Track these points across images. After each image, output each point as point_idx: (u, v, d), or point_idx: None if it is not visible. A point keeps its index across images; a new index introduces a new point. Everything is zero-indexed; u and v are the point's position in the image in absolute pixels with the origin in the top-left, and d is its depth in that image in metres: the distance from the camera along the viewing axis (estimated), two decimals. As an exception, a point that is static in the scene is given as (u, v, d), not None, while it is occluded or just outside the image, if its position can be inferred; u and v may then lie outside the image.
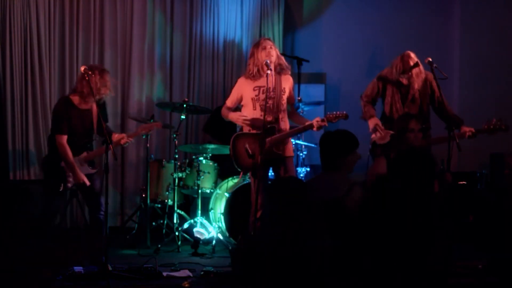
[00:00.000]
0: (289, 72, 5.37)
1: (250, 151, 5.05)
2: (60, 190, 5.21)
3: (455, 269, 4.80)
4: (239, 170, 5.27)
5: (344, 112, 5.05)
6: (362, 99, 5.67)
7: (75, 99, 5.20)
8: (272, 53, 5.18)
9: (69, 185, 5.24)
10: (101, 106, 5.31)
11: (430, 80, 5.47)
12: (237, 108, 5.44)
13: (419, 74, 5.42)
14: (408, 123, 4.95)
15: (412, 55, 5.45)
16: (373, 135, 5.47)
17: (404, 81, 5.43)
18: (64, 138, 5.13)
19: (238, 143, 5.23)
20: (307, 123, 5.14)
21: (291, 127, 5.35)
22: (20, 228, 5.39)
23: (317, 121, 5.05)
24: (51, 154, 5.28)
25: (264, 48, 5.18)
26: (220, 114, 6.94)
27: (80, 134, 5.23)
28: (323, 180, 4.45)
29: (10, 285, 4.56)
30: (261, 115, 5.10)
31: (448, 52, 7.77)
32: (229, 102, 5.40)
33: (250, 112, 5.25)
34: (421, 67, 5.44)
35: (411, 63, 5.40)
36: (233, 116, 5.34)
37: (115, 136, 5.39)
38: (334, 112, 5.06)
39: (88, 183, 5.20)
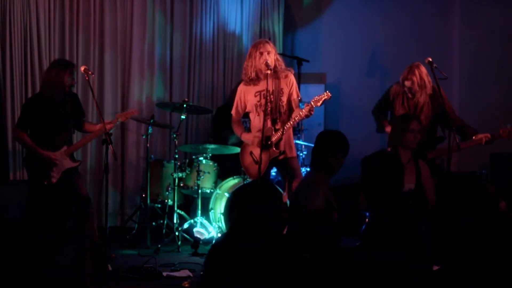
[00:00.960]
0: (288, 72, 5.28)
1: (255, 157, 5.09)
2: (45, 184, 5.26)
3: None
4: (251, 178, 5.30)
5: (325, 93, 5.00)
6: (373, 113, 5.67)
7: (45, 93, 5.34)
8: (269, 58, 5.13)
9: (54, 180, 5.28)
10: (73, 99, 5.49)
11: (438, 96, 5.31)
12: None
13: (423, 87, 5.37)
14: (409, 124, 4.91)
15: (422, 68, 5.40)
16: None
17: (406, 87, 5.39)
18: (21, 132, 5.34)
19: (244, 152, 5.27)
20: (296, 113, 5.10)
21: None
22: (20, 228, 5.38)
23: (305, 108, 5.00)
24: (30, 151, 5.39)
25: (262, 53, 5.13)
26: (220, 114, 6.94)
27: (54, 128, 5.32)
28: (304, 178, 4.45)
29: (10, 285, 4.57)
30: (263, 120, 5.10)
31: (448, 52, 7.77)
32: (235, 112, 5.33)
33: (254, 118, 5.25)
34: (428, 83, 5.40)
35: (416, 72, 5.36)
36: (248, 138, 5.22)
37: (97, 126, 5.52)
38: (317, 96, 5.01)
39: (54, 157, 5.32)
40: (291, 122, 5.13)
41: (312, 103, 4.98)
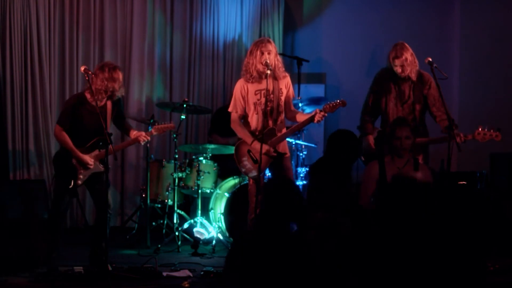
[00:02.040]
0: (286, 73, 5.29)
1: (254, 156, 5.08)
2: (70, 187, 5.19)
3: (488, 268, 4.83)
4: (246, 176, 5.29)
5: (340, 100, 5.01)
6: (362, 113, 5.66)
7: (88, 96, 5.18)
8: (270, 58, 5.12)
9: (79, 182, 5.22)
10: (116, 102, 5.32)
11: (429, 82, 5.44)
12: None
13: (412, 64, 5.38)
14: (395, 130, 4.96)
15: (406, 45, 5.45)
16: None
17: (398, 68, 5.40)
18: (62, 130, 5.18)
19: (241, 150, 5.23)
20: (307, 117, 5.12)
21: (288, 127, 5.35)
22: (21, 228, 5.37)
23: (317, 113, 5.00)
24: (63, 150, 5.25)
25: (263, 53, 5.13)
26: (222, 113, 6.91)
27: (91, 132, 5.16)
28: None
29: (10, 285, 4.57)
30: (262, 119, 5.10)
31: (448, 52, 7.77)
32: (239, 109, 5.22)
33: (252, 116, 5.23)
34: (416, 61, 5.42)
35: (407, 48, 5.39)
36: (263, 148, 5.04)
37: (133, 133, 5.42)
38: (332, 102, 5.02)
39: (92, 164, 5.20)
40: (299, 126, 5.18)
41: (326, 109, 4.98)
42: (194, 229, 6.13)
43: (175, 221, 6.17)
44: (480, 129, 5.16)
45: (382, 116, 5.64)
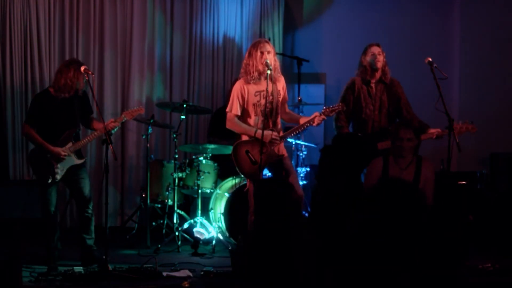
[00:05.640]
0: (280, 74, 5.31)
1: (253, 157, 5.09)
2: (49, 182, 5.25)
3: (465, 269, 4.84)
4: (244, 177, 5.30)
5: (340, 104, 5.13)
6: (335, 121, 5.70)
7: (53, 90, 5.35)
8: (269, 58, 5.13)
9: (58, 177, 5.27)
10: (82, 96, 5.48)
11: (396, 87, 5.61)
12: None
13: (384, 62, 5.59)
14: (399, 131, 5.00)
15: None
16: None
17: (372, 56, 5.62)
18: (30, 128, 5.31)
19: (239, 150, 5.22)
20: (307, 120, 5.13)
21: (287, 128, 5.35)
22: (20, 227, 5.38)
23: (317, 117, 5.04)
24: (37, 147, 5.36)
25: (262, 53, 5.13)
26: (219, 115, 6.92)
27: (61, 124, 5.31)
28: None
29: (10, 285, 4.56)
30: (262, 121, 5.10)
31: (448, 52, 7.77)
32: (235, 110, 5.23)
33: (252, 117, 5.23)
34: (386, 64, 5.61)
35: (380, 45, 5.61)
36: (267, 134, 5.08)
37: (100, 125, 5.45)
38: (331, 106, 5.09)
39: (64, 153, 5.29)
40: (300, 128, 5.18)
41: (325, 113, 5.05)
42: (194, 229, 6.13)
43: (175, 221, 6.17)
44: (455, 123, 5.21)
45: (358, 122, 5.68)
